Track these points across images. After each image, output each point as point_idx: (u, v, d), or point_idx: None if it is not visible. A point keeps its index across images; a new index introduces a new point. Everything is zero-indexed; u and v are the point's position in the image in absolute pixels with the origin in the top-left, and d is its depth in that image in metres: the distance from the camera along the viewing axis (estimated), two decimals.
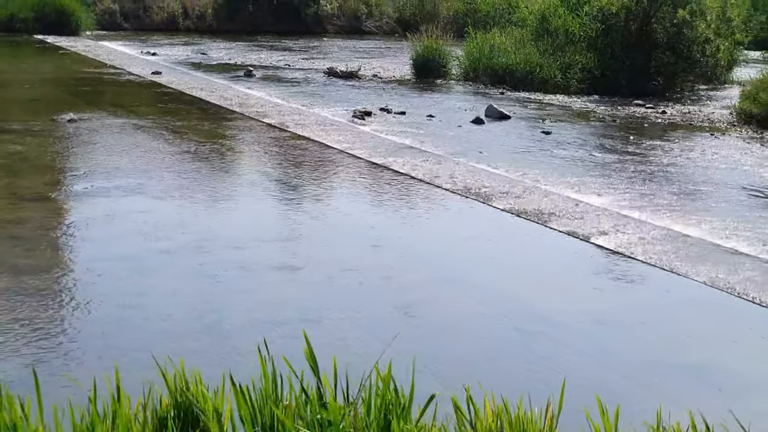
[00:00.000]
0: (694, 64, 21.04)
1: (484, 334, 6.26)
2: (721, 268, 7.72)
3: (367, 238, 8.48)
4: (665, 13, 20.60)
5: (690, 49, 20.71)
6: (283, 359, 3.94)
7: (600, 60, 20.41)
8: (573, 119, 16.35)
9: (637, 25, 20.59)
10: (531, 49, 20.70)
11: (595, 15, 20.97)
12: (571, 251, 8.39)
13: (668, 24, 20.55)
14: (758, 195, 10.78)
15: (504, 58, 20.52)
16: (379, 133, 13.80)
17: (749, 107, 16.51)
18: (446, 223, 9.36)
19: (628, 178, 11.34)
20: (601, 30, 20.74)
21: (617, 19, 20.69)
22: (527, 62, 20.24)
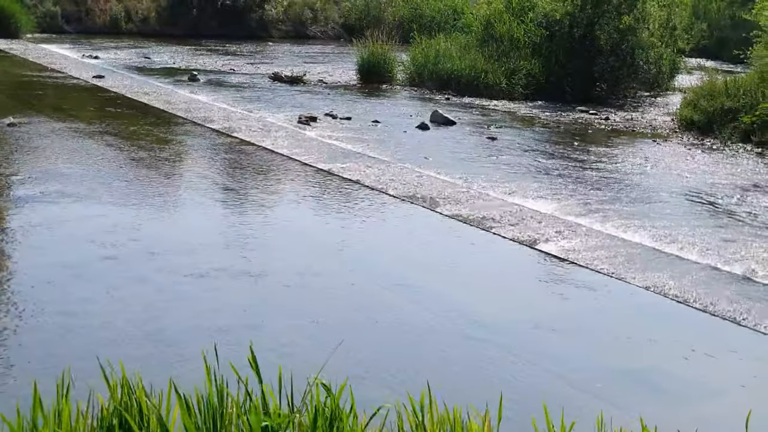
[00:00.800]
0: (637, 70, 21.29)
1: (431, 341, 6.29)
2: (663, 274, 7.84)
3: (312, 244, 8.48)
4: (609, 20, 20.83)
5: (633, 55, 20.96)
6: (230, 365, 3.93)
7: (544, 66, 20.57)
8: (518, 125, 16.48)
9: (581, 31, 20.79)
10: (476, 55, 20.81)
11: (539, 21, 21.14)
12: (517, 257, 8.46)
13: (612, 31, 20.79)
14: (699, 201, 10.95)
15: (449, 64, 20.61)
16: (324, 138, 13.80)
17: (690, 114, 16.75)
18: (392, 229, 9.39)
19: (573, 184, 11.46)
20: (546, 36, 20.92)
21: (561, 26, 20.87)
22: (472, 68, 20.34)
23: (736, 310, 7.05)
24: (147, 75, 20.72)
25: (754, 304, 7.18)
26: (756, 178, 12.40)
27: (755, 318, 6.90)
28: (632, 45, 20.88)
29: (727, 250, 8.65)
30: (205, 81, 20.01)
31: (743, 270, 8.06)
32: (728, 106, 16.06)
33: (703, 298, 7.28)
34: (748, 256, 8.48)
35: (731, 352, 6.41)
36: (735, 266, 8.16)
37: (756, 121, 15.15)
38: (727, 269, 8.09)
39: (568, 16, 20.88)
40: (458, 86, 20.22)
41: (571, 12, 20.84)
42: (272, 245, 8.29)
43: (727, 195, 11.24)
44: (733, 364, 6.21)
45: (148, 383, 3.98)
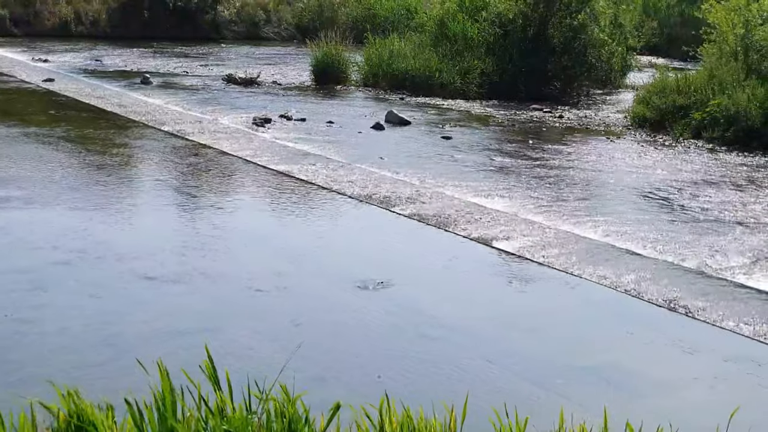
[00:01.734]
0: (589, 68, 21.45)
1: (390, 341, 6.30)
2: (618, 269, 7.91)
3: (268, 246, 8.46)
4: (561, 18, 20.97)
5: (585, 53, 21.12)
6: (183, 372, 3.91)
7: (498, 65, 20.65)
8: (473, 124, 16.54)
9: (534, 30, 20.91)
10: (430, 55, 20.85)
11: (493, 20, 21.23)
12: (474, 256, 8.50)
13: (564, 29, 20.94)
14: (652, 197, 11.06)
15: (403, 64, 20.63)
16: (279, 140, 13.77)
17: (642, 111, 16.91)
18: (349, 230, 9.40)
19: (528, 182, 11.52)
20: (500, 35, 21.02)
21: (515, 25, 20.98)
22: (426, 67, 20.38)
23: (691, 303, 7.13)
24: (98, 78, 20.54)
25: (707, 298, 7.26)
26: (707, 174, 12.55)
27: (709, 311, 6.99)
28: (585, 43, 21.04)
29: (680, 245, 8.74)
30: (157, 83, 19.87)
31: (696, 264, 8.16)
32: (680, 103, 16.23)
33: (657, 293, 7.36)
34: (700, 251, 8.58)
35: (687, 345, 6.48)
36: (688, 261, 8.26)
37: (706, 118, 15.34)
38: (680, 264, 8.18)
39: (521, 15, 21.00)
40: (413, 86, 20.25)
41: (523, 11, 20.96)
42: (229, 248, 8.25)
43: (679, 190, 11.36)
44: (688, 358, 6.28)
45: (105, 389, 3.95)
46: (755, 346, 6.44)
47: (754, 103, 14.84)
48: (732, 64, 16.46)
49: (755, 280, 7.80)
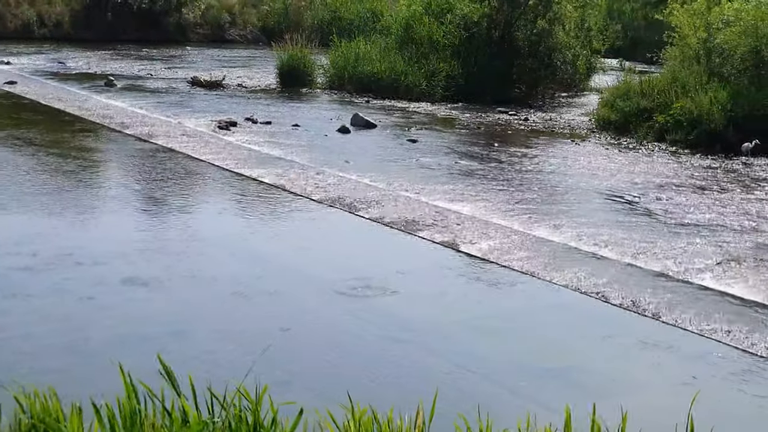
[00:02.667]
0: (554, 71, 21.60)
1: (356, 345, 6.31)
2: (583, 272, 7.97)
3: (234, 250, 8.45)
4: (526, 21, 21.09)
5: (550, 56, 21.26)
6: (141, 384, 3.90)
7: (464, 68, 20.73)
8: (438, 127, 16.59)
9: (499, 33, 21.03)
10: (396, 57, 20.89)
11: (458, 23, 21.30)
12: (439, 259, 8.52)
13: (529, 32, 21.06)
14: (617, 200, 11.15)
15: (369, 67, 20.65)
16: (244, 143, 13.74)
17: (607, 114, 17.05)
18: (314, 234, 9.40)
19: (493, 185, 11.58)
20: (465, 38, 21.09)
21: (480, 28, 21.08)
22: (392, 70, 20.42)
23: (654, 305, 7.20)
24: (62, 81, 20.39)
25: (671, 300, 7.34)
26: (671, 177, 12.67)
27: (672, 313, 7.06)
28: (549, 46, 21.17)
29: (644, 247, 8.82)
30: (122, 86, 19.77)
31: (660, 267, 8.24)
32: (643, 106, 16.39)
33: (621, 295, 7.42)
34: (664, 253, 8.66)
35: (650, 346, 6.54)
36: (652, 263, 8.34)
37: (670, 121, 15.49)
38: (644, 266, 8.25)
39: (486, 18, 21.10)
40: (378, 89, 20.28)
41: (488, 14, 21.06)
42: (194, 252, 8.23)
43: (643, 193, 11.46)
44: (652, 359, 6.34)
45: (69, 395, 3.94)
46: (719, 348, 6.51)
47: (717, 106, 15.01)
48: (694, 67, 16.64)
49: (718, 282, 7.88)
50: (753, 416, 5.61)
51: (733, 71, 16.12)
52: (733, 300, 7.46)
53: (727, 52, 16.21)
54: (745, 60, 16.01)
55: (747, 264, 8.44)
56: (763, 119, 14.97)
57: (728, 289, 7.70)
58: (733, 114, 14.97)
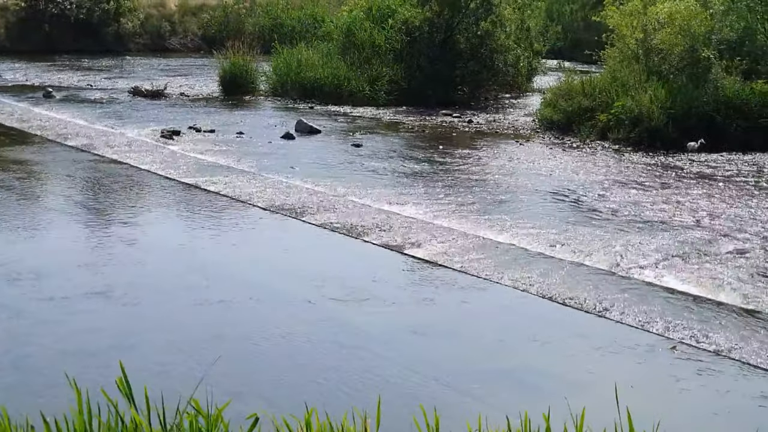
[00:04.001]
0: (497, 73, 21.70)
1: (308, 352, 6.29)
2: (532, 272, 8.02)
3: (180, 260, 8.38)
4: (468, 24, 21.18)
5: (492, 58, 21.36)
6: (101, 392, 3.85)
7: (407, 72, 20.77)
8: (383, 131, 16.61)
9: (441, 36, 21.08)
10: (338, 63, 20.87)
11: (400, 27, 21.33)
12: (387, 263, 8.53)
13: (471, 35, 21.15)
14: (563, 199, 11.23)
15: (312, 73, 20.62)
16: (188, 152, 13.64)
17: (550, 114, 17.17)
18: (262, 241, 9.36)
19: (440, 187, 11.60)
20: (407, 42, 21.13)
21: (422, 32, 21.12)
22: (335, 76, 20.40)
23: (602, 303, 7.26)
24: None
25: (618, 297, 7.41)
26: (614, 175, 12.79)
27: (620, 310, 7.12)
28: (491, 48, 21.27)
29: (591, 246, 8.90)
30: (61, 97, 19.52)
31: (608, 264, 8.31)
32: (585, 106, 16.53)
33: (569, 294, 7.48)
34: (611, 251, 8.74)
35: (599, 345, 6.59)
36: (599, 261, 8.41)
37: (612, 119, 15.65)
38: (591, 264, 8.32)
39: (428, 22, 21.15)
40: (322, 94, 20.25)
41: (430, 18, 21.11)
42: (140, 263, 8.15)
43: (588, 192, 11.56)
44: (601, 357, 6.39)
45: (14, 413, 3.86)
46: (665, 344, 6.58)
47: (656, 104, 15.20)
48: (634, 66, 16.82)
49: (663, 278, 7.98)
50: (703, 412, 5.69)
51: (671, 70, 16.33)
52: (680, 296, 7.55)
53: (665, 52, 16.42)
54: (682, 58, 16.23)
55: (692, 260, 8.55)
56: (702, 116, 15.21)
57: (675, 285, 7.79)
58: (673, 111, 15.17)
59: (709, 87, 15.55)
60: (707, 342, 6.56)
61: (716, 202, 11.06)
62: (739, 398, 5.84)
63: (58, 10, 30.49)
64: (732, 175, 12.87)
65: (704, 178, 12.63)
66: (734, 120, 15.13)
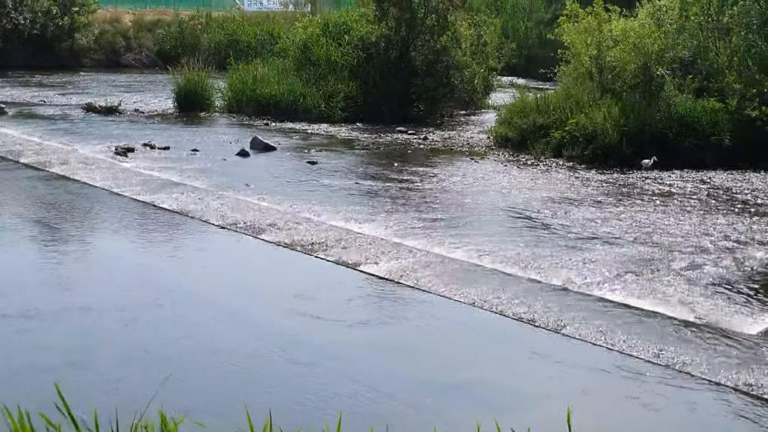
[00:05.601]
0: (452, 89, 21.79)
1: (261, 369, 6.30)
2: (486, 288, 8.07)
3: (134, 278, 8.35)
4: (424, 41, 21.28)
5: (448, 75, 21.46)
6: (40, 416, 3.83)
7: (362, 88, 20.82)
8: (338, 148, 16.64)
9: (396, 53, 21.17)
10: (294, 79, 20.89)
11: (356, 44, 21.40)
12: (343, 280, 8.56)
13: (427, 52, 21.24)
14: (517, 216, 11.32)
15: (267, 89, 20.61)
16: (143, 169, 13.59)
17: (505, 131, 17.28)
18: (217, 258, 9.35)
19: (395, 205, 11.65)
20: (363, 58, 21.20)
21: (377, 48, 21.20)
22: (291, 92, 20.41)
23: (556, 319, 7.33)
24: None
25: (571, 313, 7.48)
26: (568, 192, 12.91)
27: (573, 326, 7.20)
28: (447, 65, 21.38)
29: (545, 262, 8.98)
30: (13, 114, 19.37)
31: (561, 281, 8.39)
32: (540, 123, 16.64)
33: (522, 310, 7.54)
34: (564, 267, 8.83)
35: (552, 360, 6.66)
36: (553, 277, 8.49)
37: (566, 137, 15.79)
38: (545, 281, 8.40)
39: (384, 38, 21.23)
40: (277, 111, 20.24)
41: (386, 34, 21.19)
42: (93, 282, 8.11)
43: (542, 209, 11.65)
44: (554, 372, 6.46)
45: None
46: (619, 359, 6.66)
47: (610, 121, 15.36)
48: (588, 83, 17.00)
49: (616, 294, 8.07)
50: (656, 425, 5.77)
51: (624, 87, 16.53)
52: (633, 311, 7.64)
53: (619, 69, 16.62)
54: (635, 76, 16.44)
55: (644, 275, 8.65)
56: (654, 133, 15.40)
57: (627, 300, 7.88)
58: (626, 128, 15.33)
59: (662, 104, 15.75)
60: (664, 356, 6.64)
61: (669, 218, 11.20)
62: (703, 414, 5.93)
63: (12, 25, 30.26)
64: (684, 191, 13.04)
65: (657, 195, 12.79)
66: (686, 137, 15.33)
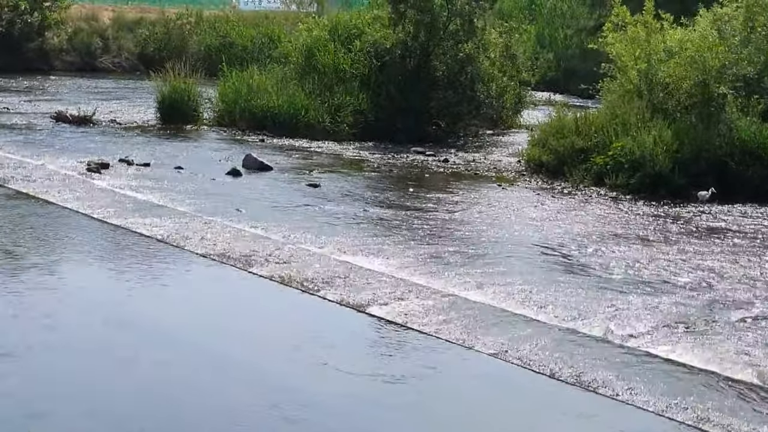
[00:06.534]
0: (478, 105, 21.77)
1: (250, 426, 6.25)
2: (512, 337, 8.01)
3: (104, 313, 8.32)
4: (446, 49, 21.28)
5: (474, 88, 21.44)
6: None
7: (374, 101, 20.80)
8: (344, 170, 16.64)
9: (414, 62, 21.18)
10: (295, 90, 20.89)
11: (368, 50, 21.40)
12: (346, 324, 8.52)
13: (450, 61, 21.24)
14: (550, 253, 11.27)
15: (264, 100, 20.61)
16: (119, 188, 13.60)
17: (538, 154, 17.24)
18: (201, 294, 9.33)
19: (408, 237, 11.61)
20: (376, 67, 21.20)
21: (393, 56, 21.20)
22: (291, 104, 20.41)
23: (593, 376, 7.26)
24: None
25: (612, 369, 7.41)
26: (611, 226, 12.86)
27: (612, 384, 7.12)
28: (472, 76, 21.37)
29: (581, 309, 8.91)
30: None
31: (600, 331, 8.32)
32: (580, 146, 16.59)
33: (555, 364, 7.47)
34: (604, 315, 8.75)
35: (586, 421, 6.60)
36: (591, 327, 8.41)
37: (609, 162, 15.73)
38: (582, 330, 8.33)
39: (400, 45, 21.23)
40: (275, 126, 20.24)
41: (403, 40, 21.20)
42: (59, 316, 8.09)
43: (580, 246, 11.59)
44: None
45: None
46: (662, 424, 6.59)
47: (661, 146, 15.29)
48: (635, 102, 16.93)
49: (663, 348, 7.98)
50: None
51: (678, 107, 16.46)
52: (682, 369, 7.56)
53: (672, 86, 16.56)
54: (691, 95, 16.35)
55: (697, 327, 8.58)
56: (713, 161, 15.31)
57: (677, 357, 7.80)
58: (680, 155, 15.27)
59: (722, 128, 15.67)
60: (713, 422, 6.58)
61: (727, 261, 11.12)
62: None
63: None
64: (747, 229, 12.97)
65: (714, 233, 12.72)
66: (750, 166, 15.24)
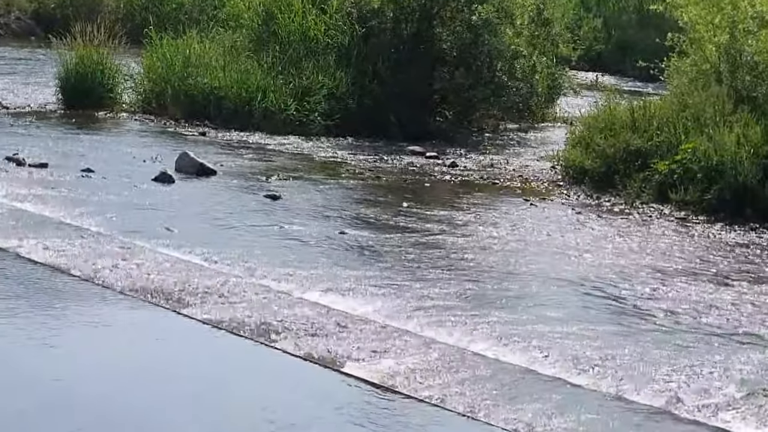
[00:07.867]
0: (498, 89, 21.71)
1: None
2: (544, 408, 8.00)
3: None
4: (454, 12, 21.20)
5: (491, 67, 21.37)
6: None
7: (356, 83, 20.73)
8: (315, 176, 16.64)
9: (412, 29, 21.11)
10: (249, 65, 20.84)
11: (348, 12, 21.31)
12: (315, 387, 8.52)
13: (460, 29, 21.16)
14: (594, 294, 11.25)
15: (207, 78, 20.56)
16: (3, 197, 13.59)
17: (580, 159, 17.16)
18: (117, 343, 9.31)
19: (401, 268, 11.61)
20: (360, 36, 21.11)
21: (382, 20, 21.12)
22: (243, 85, 20.33)
23: None
24: None
25: None
26: (676, 258, 12.86)
27: None
28: (490, 51, 21.33)
29: (637, 370, 8.92)
30: None
31: (661, 401, 8.33)
32: (636, 147, 16.59)
33: None
34: (666, 378, 8.76)
35: None
36: (648, 395, 8.42)
37: (676, 171, 15.68)
38: (636, 399, 8.34)
39: (393, 5, 21.18)
40: (221, 114, 20.21)
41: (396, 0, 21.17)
42: None
43: (636, 284, 11.60)
44: None
45: None
46: None
47: (747, 148, 15.26)
48: (713, 87, 16.91)
49: (746, 423, 8.00)
50: None
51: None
52: None
53: (763, 67, 16.55)
54: None
55: None
56: None
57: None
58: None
59: None
60: None
61: None
62: None
63: None
64: None
65: None
66: None
